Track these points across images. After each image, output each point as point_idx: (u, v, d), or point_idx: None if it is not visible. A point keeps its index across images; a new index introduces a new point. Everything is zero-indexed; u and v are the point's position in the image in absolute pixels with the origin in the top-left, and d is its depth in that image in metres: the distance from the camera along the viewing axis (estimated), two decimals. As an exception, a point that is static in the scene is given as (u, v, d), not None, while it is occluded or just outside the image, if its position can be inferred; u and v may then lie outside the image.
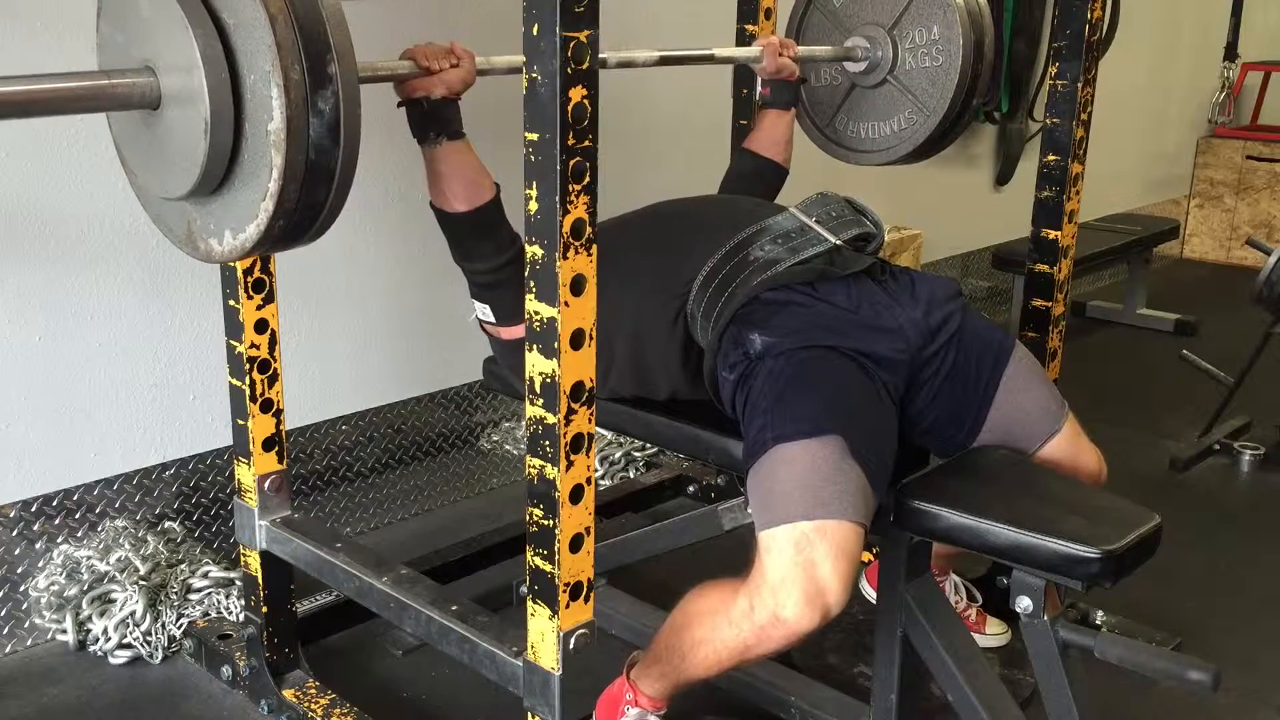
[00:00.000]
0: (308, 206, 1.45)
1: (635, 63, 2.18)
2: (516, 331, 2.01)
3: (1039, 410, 2.01)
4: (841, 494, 1.73)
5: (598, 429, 1.57)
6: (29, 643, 2.44)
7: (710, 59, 2.35)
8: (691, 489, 3.19)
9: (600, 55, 1.41)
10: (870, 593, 2.50)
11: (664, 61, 2.21)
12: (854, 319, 1.91)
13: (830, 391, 1.83)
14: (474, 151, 1.91)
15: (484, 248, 1.95)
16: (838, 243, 1.99)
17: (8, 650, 2.41)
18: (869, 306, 1.93)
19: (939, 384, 1.95)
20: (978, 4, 2.49)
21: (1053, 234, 2.39)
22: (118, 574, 2.45)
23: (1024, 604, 1.76)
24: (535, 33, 1.36)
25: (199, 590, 2.50)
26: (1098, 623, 2.54)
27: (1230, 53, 6.23)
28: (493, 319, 2.04)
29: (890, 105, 2.57)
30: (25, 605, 2.43)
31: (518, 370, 2.14)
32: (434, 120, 1.85)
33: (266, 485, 2.14)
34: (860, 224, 2.06)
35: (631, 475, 3.29)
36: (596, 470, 1.64)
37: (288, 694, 2.22)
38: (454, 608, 1.83)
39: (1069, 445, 2.02)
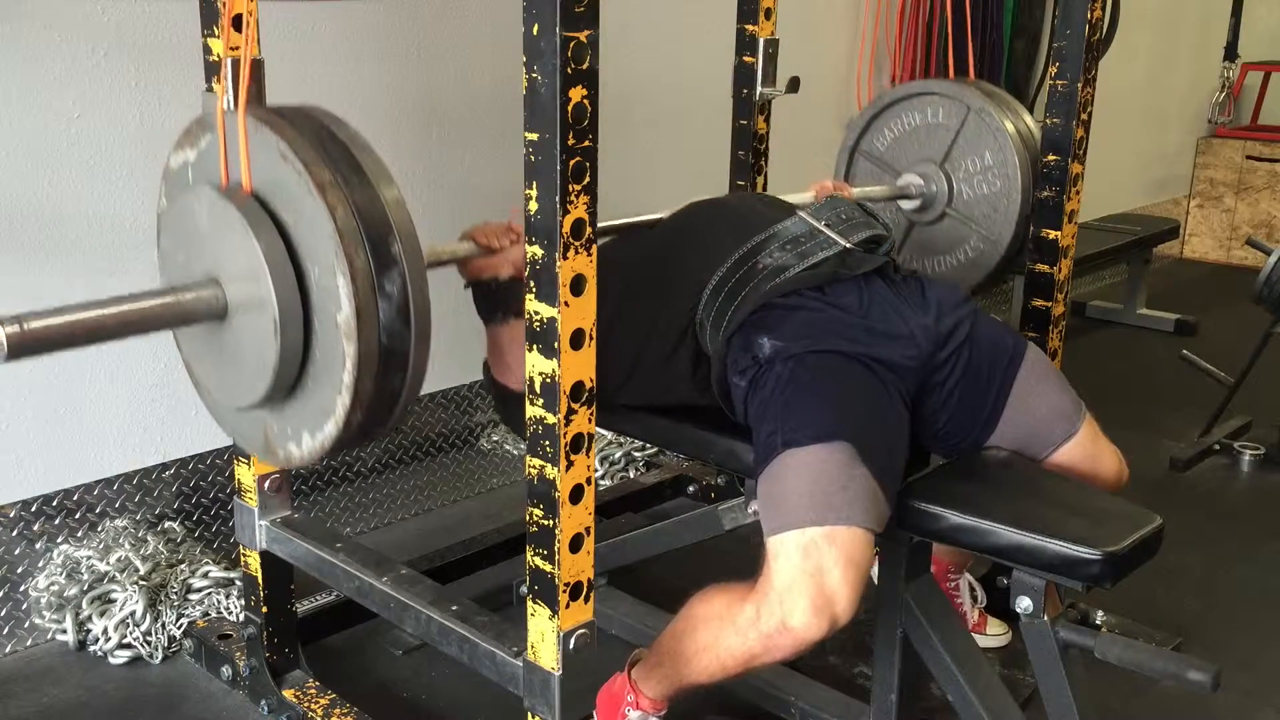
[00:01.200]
0: (384, 394, 1.44)
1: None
2: None
3: (1053, 414, 1.98)
4: (852, 500, 1.71)
5: (598, 429, 1.57)
6: (29, 643, 2.44)
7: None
8: (691, 489, 3.19)
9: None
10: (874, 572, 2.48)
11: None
12: (863, 323, 1.89)
13: (840, 396, 1.81)
14: None
15: None
16: (848, 245, 1.98)
17: (8, 650, 2.41)
18: (879, 309, 1.91)
19: (951, 389, 1.93)
20: (1027, 125, 2.51)
21: (1053, 234, 2.39)
22: (118, 574, 2.45)
23: (1024, 604, 1.76)
24: (535, 33, 1.36)
25: (199, 590, 2.50)
26: (1098, 623, 2.54)
27: (1230, 53, 6.23)
28: None
29: (953, 237, 2.60)
30: (25, 605, 2.43)
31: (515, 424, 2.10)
32: (502, 299, 1.88)
33: (266, 485, 2.13)
34: (871, 226, 2.05)
35: (631, 475, 3.29)
36: (596, 470, 1.64)
37: (288, 694, 2.21)
38: (454, 608, 1.83)
39: (1086, 448, 1.99)
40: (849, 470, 1.73)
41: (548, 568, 1.56)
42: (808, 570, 1.68)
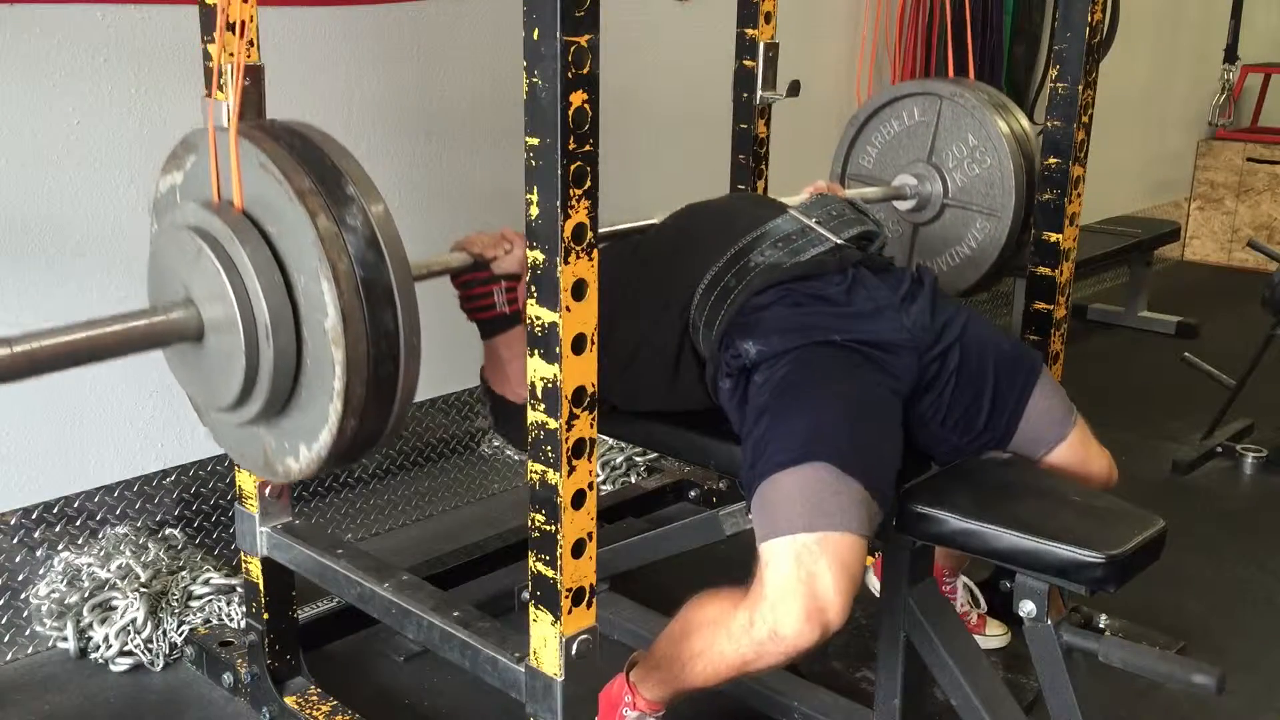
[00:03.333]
0: (376, 400, 1.44)
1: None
2: None
3: (1047, 417, 1.98)
4: (844, 506, 1.71)
5: (599, 435, 1.56)
6: (30, 650, 2.43)
7: None
8: (693, 494, 3.18)
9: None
10: (875, 584, 2.49)
11: None
12: (849, 310, 1.89)
13: (822, 404, 1.80)
14: None
15: None
16: (839, 242, 1.98)
17: (9, 658, 2.41)
18: (866, 295, 1.91)
19: (951, 387, 1.91)
20: (1000, 98, 2.52)
21: (1054, 237, 2.39)
22: (119, 581, 2.44)
23: (1027, 608, 1.75)
24: (535, 37, 1.36)
25: (200, 597, 2.49)
26: (1101, 626, 2.54)
27: (1230, 55, 6.23)
28: None
29: (958, 227, 2.60)
30: (26, 613, 2.42)
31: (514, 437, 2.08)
32: (497, 312, 1.86)
33: (267, 491, 2.13)
34: (862, 222, 2.06)
35: (633, 480, 3.28)
36: (598, 475, 1.64)
37: (289, 701, 2.21)
38: (456, 613, 1.82)
39: (1077, 451, 2.00)
40: (838, 480, 1.73)
41: (550, 573, 1.55)
42: (800, 577, 1.68)
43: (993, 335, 2.00)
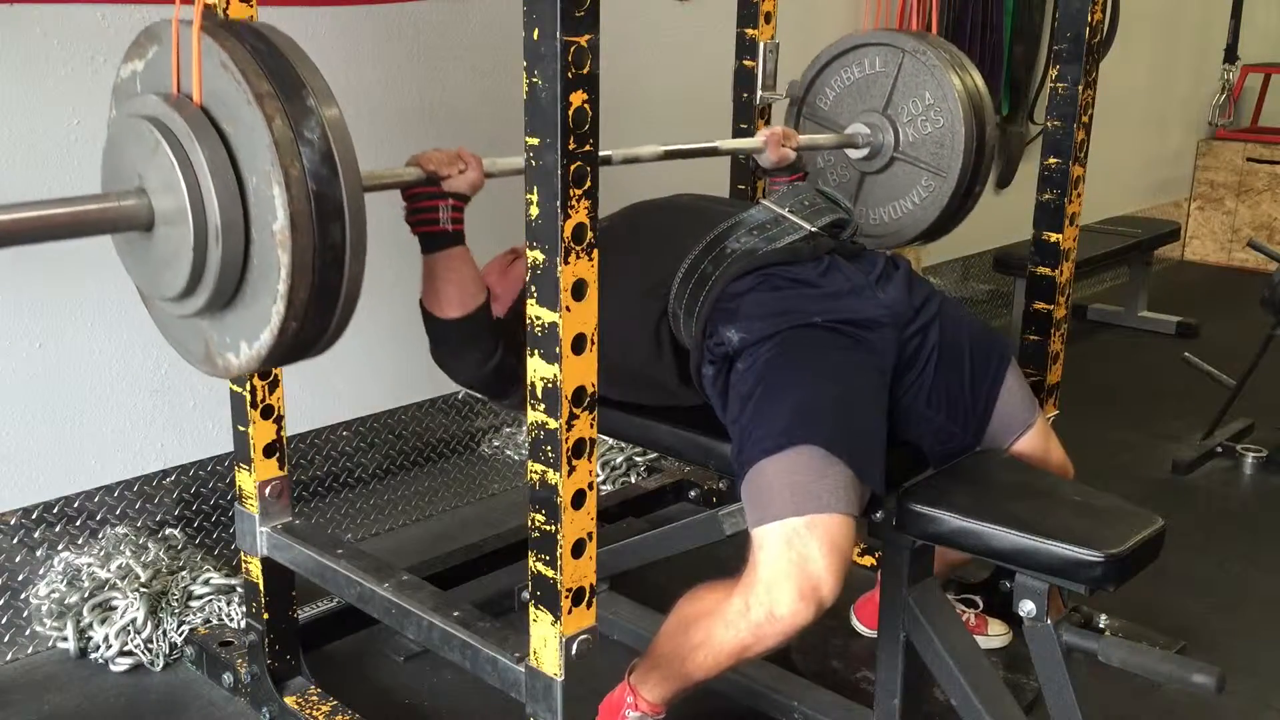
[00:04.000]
0: (319, 305, 1.45)
1: (640, 159, 2.22)
2: (508, 400, 2.11)
3: (1017, 402, 2.04)
4: (832, 488, 1.75)
5: (599, 435, 1.57)
6: (30, 650, 2.43)
7: (715, 151, 2.41)
8: (693, 494, 3.19)
9: (606, 153, 1.41)
10: (864, 630, 2.48)
11: (668, 156, 2.26)
12: (827, 291, 1.93)
13: (805, 386, 1.83)
14: (472, 258, 1.94)
15: (470, 355, 2.00)
16: (813, 229, 2.02)
17: (9, 658, 2.41)
18: (843, 277, 1.96)
19: (932, 364, 1.95)
20: (961, 59, 2.52)
21: (1054, 237, 2.39)
22: (119, 581, 2.44)
23: (1027, 608, 1.76)
24: (536, 37, 1.36)
25: (200, 597, 2.49)
26: (1101, 626, 2.54)
27: (1230, 55, 6.24)
28: (484, 396, 2.15)
29: (905, 181, 2.60)
30: (26, 613, 2.42)
31: (518, 410, 2.17)
32: (442, 229, 1.89)
33: (267, 491, 2.13)
34: (834, 210, 2.10)
35: (633, 480, 3.28)
36: (598, 476, 1.64)
37: (289, 701, 2.21)
38: (456, 614, 1.82)
39: (1041, 439, 2.06)
40: (825, 461, 1.76)
41: (550, 573, 1.55)
42: (791, 559, 1.72)
43: (965, 315, 2.08)
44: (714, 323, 1.92)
